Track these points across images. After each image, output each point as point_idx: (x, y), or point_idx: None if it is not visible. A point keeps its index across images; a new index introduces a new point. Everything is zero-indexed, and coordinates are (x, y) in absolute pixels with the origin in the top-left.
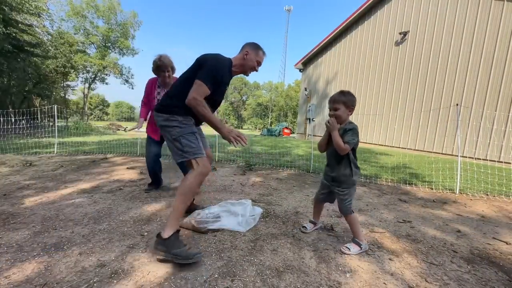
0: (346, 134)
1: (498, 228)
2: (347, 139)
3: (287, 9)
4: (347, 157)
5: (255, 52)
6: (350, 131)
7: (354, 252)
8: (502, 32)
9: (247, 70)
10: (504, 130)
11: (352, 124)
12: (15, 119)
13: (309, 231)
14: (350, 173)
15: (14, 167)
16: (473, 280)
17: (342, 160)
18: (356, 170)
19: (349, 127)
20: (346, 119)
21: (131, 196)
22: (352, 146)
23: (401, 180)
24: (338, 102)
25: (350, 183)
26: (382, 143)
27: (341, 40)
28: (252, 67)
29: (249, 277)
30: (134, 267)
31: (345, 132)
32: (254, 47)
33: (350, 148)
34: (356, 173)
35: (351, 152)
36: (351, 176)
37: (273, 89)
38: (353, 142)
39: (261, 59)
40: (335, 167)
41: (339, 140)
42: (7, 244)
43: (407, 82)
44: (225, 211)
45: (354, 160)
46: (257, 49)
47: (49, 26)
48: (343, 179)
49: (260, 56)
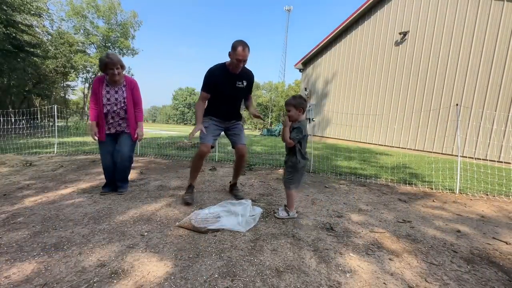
0: (292, 131)
1: (498, 228)
2: (292, 135)
3: (287, 9)
4: (294, 149)
5: (233, 52)
6: (295, 129)
7: (282, 216)
8: (502, 32)
9: (235, 67)
10: (504, 130)
11: (299, 123)
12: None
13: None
14: (296, 161)
15: (14, 167)
16: (473, 280)
17: (291, 150)
18: (301, 159)
19: (296, 126)
20: (297, 118)
21: (131, 196)
22: (296, 141)
23: (401, 180)
24: (290, 105)
25: (294, 167)
26: (382, 143)
27: (341, 40)
28: (236, 64)
29: (249, 277)
30: (134, 267)
31: (293, 129)
32: (232, 47)
33: (294, 142)
34: (300, 161)
35: (298, 145)
36: (296, 163)
37: (273, 89)
38: (297, 138)
39: (239, 56)
40: (287, 154)
41: (287, 135)
42: (7, 244)
43: (407, 82)
44: (225, 211)
45: (301, 151)
46: (234, 49)
47: (49, 26)
48: (290, 164)
49: (238, 53)
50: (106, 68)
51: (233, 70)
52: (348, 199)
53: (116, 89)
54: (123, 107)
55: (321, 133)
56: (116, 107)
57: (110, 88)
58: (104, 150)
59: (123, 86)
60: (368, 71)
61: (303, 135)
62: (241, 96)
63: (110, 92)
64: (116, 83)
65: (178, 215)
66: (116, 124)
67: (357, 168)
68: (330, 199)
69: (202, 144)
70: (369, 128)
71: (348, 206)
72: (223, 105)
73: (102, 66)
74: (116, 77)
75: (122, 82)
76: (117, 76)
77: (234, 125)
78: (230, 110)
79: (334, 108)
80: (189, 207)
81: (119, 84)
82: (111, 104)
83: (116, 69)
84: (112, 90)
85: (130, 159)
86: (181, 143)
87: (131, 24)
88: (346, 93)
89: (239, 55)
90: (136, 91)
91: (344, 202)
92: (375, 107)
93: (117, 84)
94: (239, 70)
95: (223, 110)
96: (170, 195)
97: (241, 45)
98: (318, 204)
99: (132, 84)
